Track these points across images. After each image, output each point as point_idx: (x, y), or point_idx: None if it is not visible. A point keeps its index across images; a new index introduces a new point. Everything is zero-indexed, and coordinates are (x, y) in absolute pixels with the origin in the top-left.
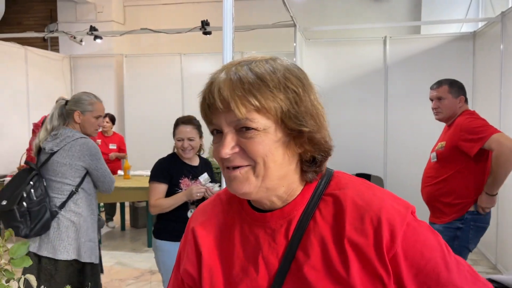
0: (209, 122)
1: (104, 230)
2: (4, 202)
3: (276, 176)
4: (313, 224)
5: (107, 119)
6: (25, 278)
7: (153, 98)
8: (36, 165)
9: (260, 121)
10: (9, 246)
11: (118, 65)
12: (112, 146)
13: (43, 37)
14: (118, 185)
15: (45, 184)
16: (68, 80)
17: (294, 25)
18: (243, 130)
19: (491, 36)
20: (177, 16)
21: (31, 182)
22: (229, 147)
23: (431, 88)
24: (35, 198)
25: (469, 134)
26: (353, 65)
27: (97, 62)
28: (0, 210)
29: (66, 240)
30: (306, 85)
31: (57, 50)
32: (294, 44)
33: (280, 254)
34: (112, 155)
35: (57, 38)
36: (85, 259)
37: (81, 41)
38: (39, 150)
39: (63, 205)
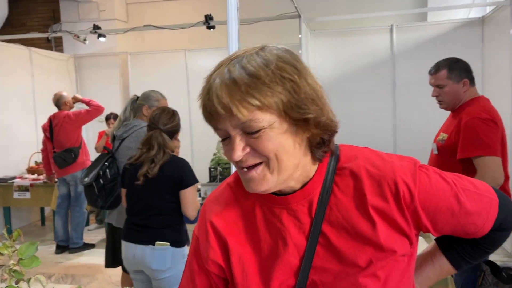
0: (214, 128)
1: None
2: (86, 179)
3: (291, 166)
4: (334, 198)
5: (111, 120)
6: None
7: None
8: (111, 150)
9: (264, 118)
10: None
11: (123, 63)
12: None
13: (47, 38)
14: None
15: (117, 165)
16: (74, 80)
17: (299, 16)
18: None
19: (501, 21)
20: (180, 12)
21: (106, 163)
22: (239, 150)
23: (429, 72)
24: (109, 176)
25: (470, 135)
26: (360, 55)
27: (102, 61)
28: (84, 185)
29: None
30: (301, 69)
31: (61, 51)
32: (300, 36)
33: (306, 231)
34: None
35: (61, 38)
36: None
37: (84, 39)
38: (114, 137)
39: None
